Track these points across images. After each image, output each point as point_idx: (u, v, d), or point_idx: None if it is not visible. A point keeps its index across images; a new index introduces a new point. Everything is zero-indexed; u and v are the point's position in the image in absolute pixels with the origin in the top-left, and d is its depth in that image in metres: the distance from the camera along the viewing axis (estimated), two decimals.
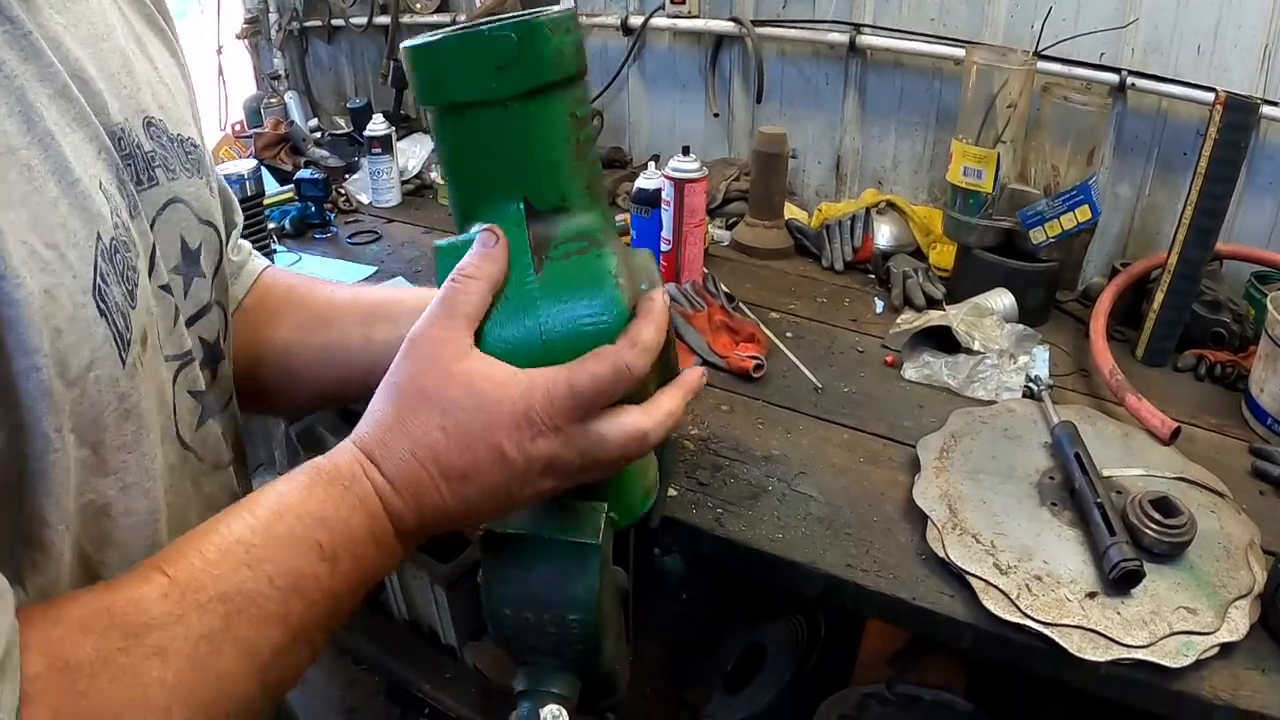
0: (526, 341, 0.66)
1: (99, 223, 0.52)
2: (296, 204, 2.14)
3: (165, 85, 0.69)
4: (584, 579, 0.79)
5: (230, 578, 0.51)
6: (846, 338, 1.64)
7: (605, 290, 0.67)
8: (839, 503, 1.20)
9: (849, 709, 1.53)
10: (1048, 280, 1.68)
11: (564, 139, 0.71)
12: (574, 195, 0.73)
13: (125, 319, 0.53)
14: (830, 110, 2.05)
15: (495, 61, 0.64)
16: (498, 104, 0.66)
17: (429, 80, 0.67)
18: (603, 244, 0.70)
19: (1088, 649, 0.97)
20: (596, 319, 0.66)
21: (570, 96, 0.71)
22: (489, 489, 0.62)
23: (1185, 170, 1.72)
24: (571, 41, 0.68)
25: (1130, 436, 1.33)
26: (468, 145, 0.70)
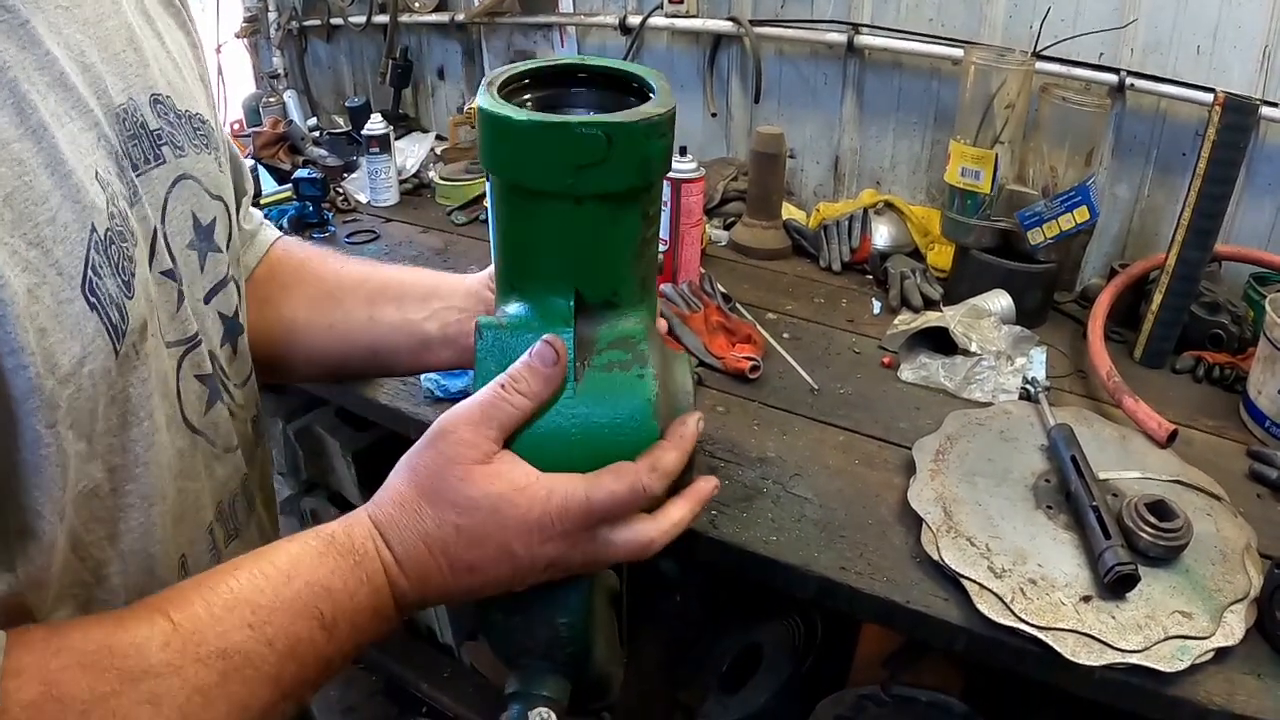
0: (556, 447, 0.66)
1: (93, 214, 0.52)
2: (294, 203, 2.13)
3: (174, 61, 0.68)
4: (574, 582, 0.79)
5: (232, 635, 0.52)
6: (843, 339, 1.64)
7: (641, 415, 0.66)
8: (834, 505, 1.19)
9: (845, 710, 1.53)
10: (1046, 281, 1.68)
11: (631, 239, 0.68)
12: (626, 293, 0.70)
13: (121, 310, 0.54)
14: (828, 110, 2.05)
15: (578, 160, 0.60)
16: (571, 199, 0.63)
17: (503, 156, 0.63)
18: (646, 359, 0.68)
19: (1081, 653, 0.97)
20: (627, 440, 0.66)
21: (648, 197, 0.68)
22: (492, 580, 0.64)
23: (1184, 171, 1.71)
24: (662, 148, 0.64)
25: (1127, 439, 1.33)
26: (529, 229, 0.66)
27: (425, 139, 2.48)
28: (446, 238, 2.11)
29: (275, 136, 2.45)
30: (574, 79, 0.72)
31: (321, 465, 2.28)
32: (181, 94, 0.67)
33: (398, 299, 0.87)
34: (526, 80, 0.69)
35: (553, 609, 0.80)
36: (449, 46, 2.59)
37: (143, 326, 0.56)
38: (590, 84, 0.71)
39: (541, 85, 0.70)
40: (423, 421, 1.42)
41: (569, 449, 0.66)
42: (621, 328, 0.69)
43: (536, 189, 0.63)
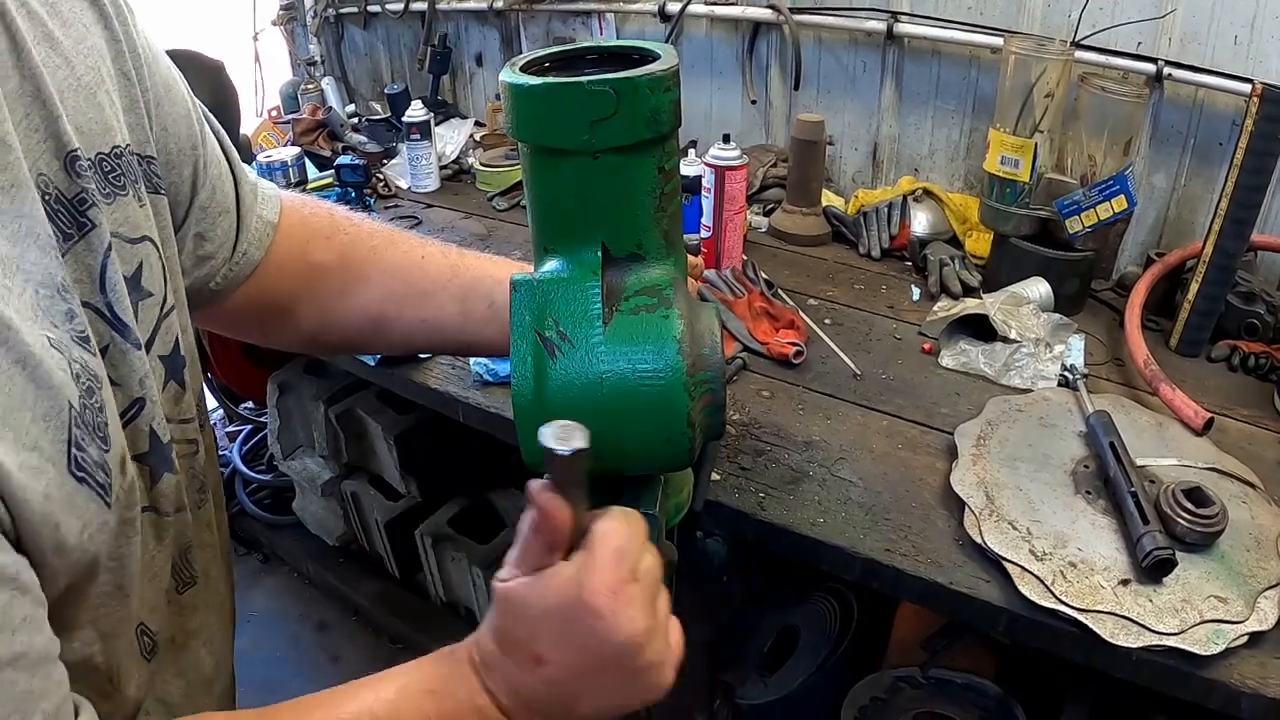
0: (586, 390, 0.69)
1: (66, 392, 0.51)
2: (336, 189, 2.17)
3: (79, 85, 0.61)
4: None
5: None
6: (884, 324, 1.66)
7: (667, 353, 0.69)
8: (878, 488, 1.22)
9: (881, 692, 1.56)
10: (1083, 270, 1.69)
11: (648, 191, 0.73)
12: (650, 245, 0.75)
13: (104, 468, 0.54)
14: (867, 98, 2.06)
15: (590, 115, 0.65)
16: (588, 154, 0.68)
17: (524, 119, 0.69)
18: (671, 302, 0.72)
19: (1120, 635, 1.00)
20: (655, 378, 0.70)
21: (661, 150, 0.73)
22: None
23: (1221, 161, 1.72)
24: (669, 101, 0.69)
25: (1164, 426, 1.35)
26: (554, 186, 0.72)
27: (464, 125, 2.51)
28: (489, 223, 2.14)
29: (314, 123, 2.49)
30: (589, 61, 0.76)
31: (363, 448, 2.33)
32: (91, 132, 0.61)
33: (488, 295, 0.91)
34: (547, 64, 0.74)
35: None
36: (487, 33, 2.62)
37: (122, 462, 0.56)
38: (603, 62, 0.75)
39: (560, 67, 0.75)
40: (471, 405, 1.46)
41: (600, 391, 0.69)
42: (648, 277, 0.74)
43: (557, 147, 0.68)
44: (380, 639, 2.47)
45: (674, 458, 0.75)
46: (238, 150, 0.89)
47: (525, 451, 0.74)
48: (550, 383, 0.70)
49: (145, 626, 0.65)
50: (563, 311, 0.71)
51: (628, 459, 0.75)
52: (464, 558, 2.16)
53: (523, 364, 0.70)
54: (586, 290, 0.71)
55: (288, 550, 2.67)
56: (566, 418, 0.71)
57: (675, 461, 0.76)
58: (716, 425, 0.77)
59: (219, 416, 3.14)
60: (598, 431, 0.72)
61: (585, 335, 0.70)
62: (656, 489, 0.84)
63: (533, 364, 0.70)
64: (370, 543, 2.47)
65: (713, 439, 0.78)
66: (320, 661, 2.43)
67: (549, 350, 0.70)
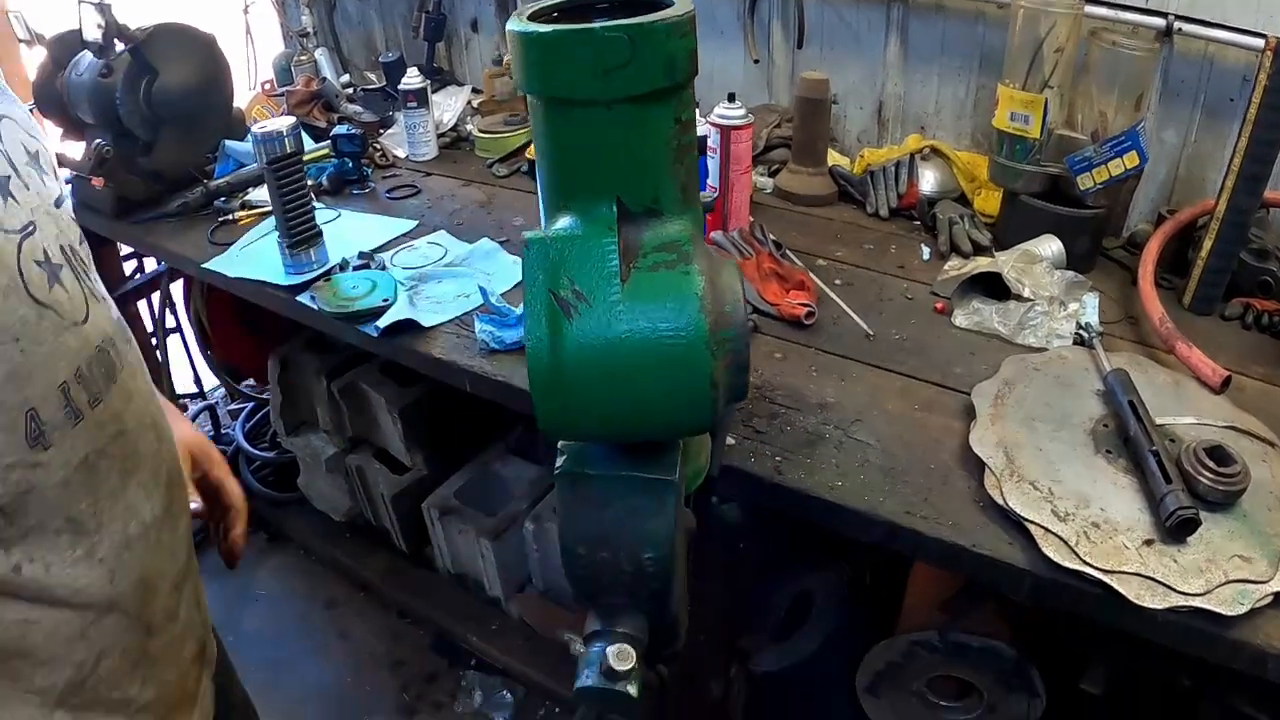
0: (604, 350, 0.67)
1: None
2: (333, 160, 2.14)
3: None
4: (661, 515, 0.81)
5: None
6: (895, 284, 1.64)
7: (689, 310, 0.67)
8: (895, 450, 1.21)
9: (897, 656, 1.56)
10: (1095, 227, 1.67)
11: (665, 143, 0.70)
12: (667, 199, 0.72)
13: None
14: (872, 55, 2.02)
15: (605, 63, 0.63)
16: (602, 104, 0.66)
17: (534, 70, 0.66)
18: (691, 258, 0.69)
19: (1146, 596, 0.99)
20: (676, 337, 0.67)
21: (677, 100, 0.70)
22: None
23: (1231, 117, 1.69)
24: (686, 48, 0.66)
25: (1181, 384, 1.33)
26: (567, 139, 0.70)
27: (461, 92, 2.47)
28: (489, 190, 2.11)
29: (309, 95, 2.45)
30: (599, 10, 0.74)
31: (367, 422, 2.31)
32: None
33: None
34: (555, 13, 0.71)
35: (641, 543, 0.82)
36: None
37: None
38: (614, 10, 0.73)
39: (569, 15, 0.72)
40: (478, 374, 1.44)
41: (619, 351, 0.67)
42: (666, 233, 0.71)
43: (569, 98, 0.66)
44: (389, 613, 2.46)
45: (696, 421, 0.73)
46: (232, 124, 0.91)
47: (541, 415, 0.71)
48: (567, 344, 0.67)
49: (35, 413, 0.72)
50: (578, 269, 0.68)
51: (648, 423, 0.73)
52: (472, 530, 2.15)
53: (537, 325, 0.68)
54: (603, 247, 0.69)
55: (293, 527, 2.66)
56: (584, 379, 0.69)
57: (697, 424, 0.74)
58: (740, 386, 0.75)
59: (220, 395, 3.12)
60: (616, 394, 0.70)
61: (603, 294, 0.68)
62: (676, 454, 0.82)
63: (548, 324, 0.68)
64: (376, 517, 2.45)
65: (736, 400, 0.76)
66: (330, 638, 2.43)
67: (565, 310, 0.68)
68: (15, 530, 0.71)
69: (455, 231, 1.88)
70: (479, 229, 1.89)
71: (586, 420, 0.71)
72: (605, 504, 0.80)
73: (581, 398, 0.69)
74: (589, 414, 0.70)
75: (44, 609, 0.75)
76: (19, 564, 0.72)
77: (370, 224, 1.95)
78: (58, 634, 0.77)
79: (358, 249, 1.79)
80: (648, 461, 0.79)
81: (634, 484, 0.79)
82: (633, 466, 0.79)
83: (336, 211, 2.00)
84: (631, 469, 0.79)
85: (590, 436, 0.76)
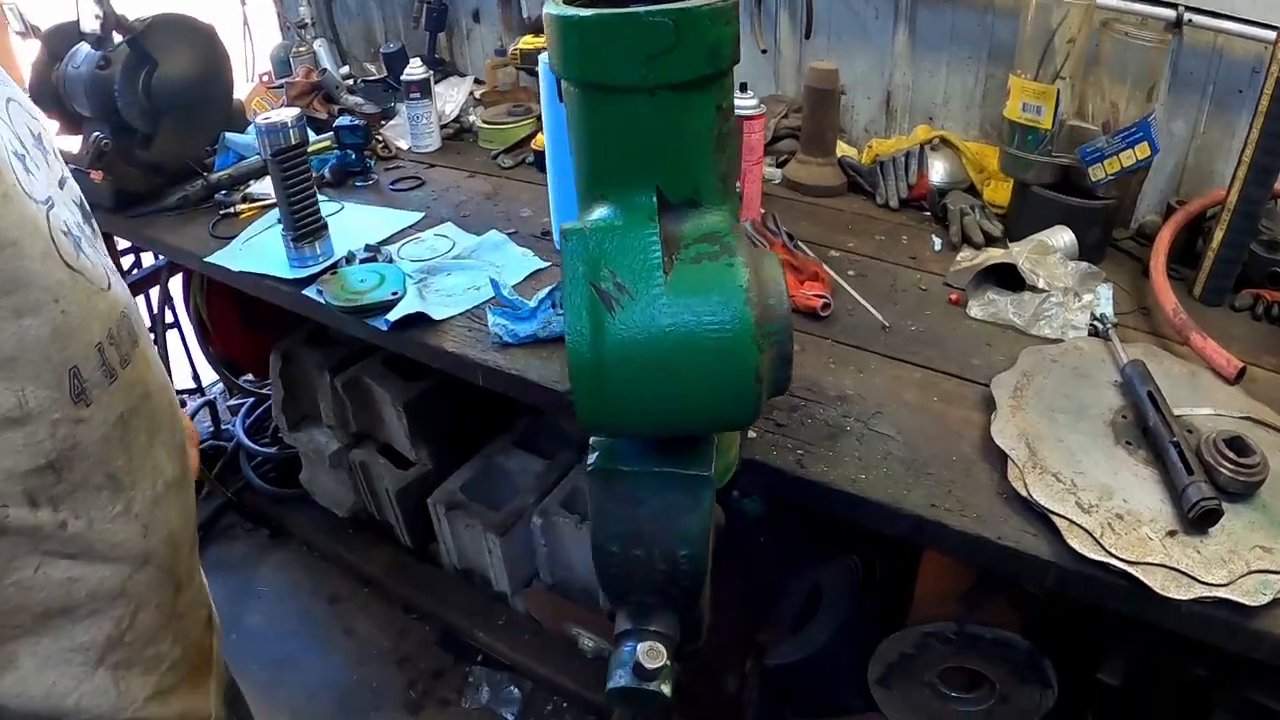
0: (648, 344, 0.66)
1: None
2: (335, 152, 2.12)
3: None
4: (696, 512, 0.80)
5: None
6: (908, 276, 1.64)
7: (734, 300, 0.66)
8: (917, 442, 1.20)
9: (909, 648, 1.55)
10: (1106, 218, 1.67)
11: (707, 132, 0.69)
12: (707, 189, 0.71)
13: None
14: (880, 46, 2.01)
15: (648, 49, 0.62)
16: (645, 91, 0.65)
17: (574, 54, 0.65)
18: (734, 250, 0.68)
19: (1171, 587, 0.99)
20: (722, 330, 0.66)
21: (719, 88, 0.69)
22: None
23: (1239, 108, 1.70)
24: (730, 34, 0.66)
25: (1196, 375, 1.33)
26: (607, 127, 0.69)
27: (463, 83, 2.45)
28: (495, 181, 2.10)
29: (309, 86, 2.42)
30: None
31: (371, 416, 2.30)
32: None
33: None
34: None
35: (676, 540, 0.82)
36: None
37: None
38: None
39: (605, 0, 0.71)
40: (491, 368, 1.42)
41: (663, 345, 0.66)
42: (707, 224, 0.71)
43: (611, 84, 0.65)
44: (394, 609, 2.45)
45: (739, 415, 0.72)
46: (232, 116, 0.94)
47: (581, 410, 0.70)
48: (609, 338, 0.66)
49: (78, 370, 0.76)
50: (620, 261, 0.67)
51: (689, 418, 0.72)
52: (478, 524, 2.14)
53: (578, 318, 0.67)
54: (645, 238, 0.68)
55: (296, 524, 2.64)
56: (626, 373, 0.68)
57: (740, 419, 0.73)
58: (783, 380, 0.74)
59: (219, 391, 3.10)
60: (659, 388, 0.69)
61: (646, 286, 0.67)
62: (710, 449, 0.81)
63: (589, 318, 0.67)
64: (380, 513, 2.44)
65: (777, 394, 0.76)
66: (334, 635, 2.42)
67: (606, 303, 0.67)
68: (63, 486, 0.75)
69: (462, 223, 1.87)
70: (486, 221, 1.87)
71: (627, 415, 0.70)
72: (639, 501, 0.79)
73: (623, 392, 0.68)
74: (630, 409, 0.69)
75: (86, 564, 0.79)
76: (65, 520, 0.76)
77: (375, 216, 1.93)
78: (99, 589, 0.80)
79: (363, 241, 1.77)
80: (682, 457, 0.78)
81: (669, 480, 0.78)
82: (667, 462, 0.78)
83: (339, 204, 1.98)
84: (666, 465, 0.78)
85: (630, 432, 0.75)
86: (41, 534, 0.74)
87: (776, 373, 0.72)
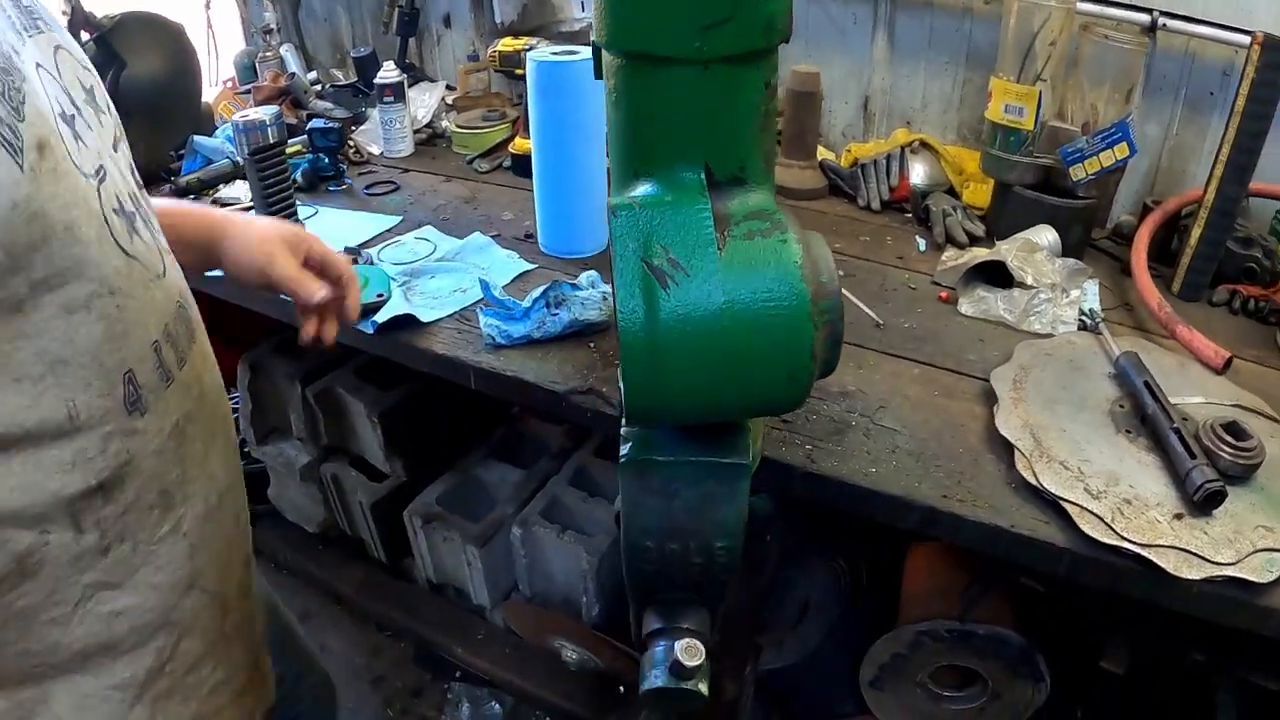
0: (704, 322, 0.64)
1: None
2: (308, 156, 2.07)
3: None
4: (733, 502, 0.78)
5: None
6: (896, 275, 1.65)
7: (790, 276, 0.65)
8: (923, 435, 1.21)
9: (902, 648, 1.55)
10: (1086, 217, 1.70)
11: (756, 108, 0.68)
12: (753, 168, 0.70)
13: (13, 130, 0.58)
14: (858, 51, 2.03)
15: (705, 18, 0.60)
16: (698, 63, 0.63)
17: (624, 23, 0.63)
18: (786, 226, 0.67)
19: (1184, 568, 1.00)
20: (779, 306, 0.65)
21: (767, 64, 0.68)
22: None
23: (1211, 110, 1.75)
24: (785, 7, 0.64)
25: (1185, 366, 1.36)
26: (655, 101, 0.67)
27: (435, 88, 2.42)
28: (472, 186, 2.07)
29: (277, 91, 2.37)
30: None
31: (343, 428, 2.24)
32: None
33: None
34: None
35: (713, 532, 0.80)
36: None
37: (40, 145, 0.60)
38: None
39: None
40: (485, 370, 1.39)
41: (720, 323, 0.65)
42: (753, 202, 0.69)
43: (664, 54, 0.63)
44: (366, 626, 2.39)
45: (791, 396, 0.70)
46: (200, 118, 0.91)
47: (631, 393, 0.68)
48: (663, 315, 0.64)
49: (133, 375, 0.69)
50: (674, 237, 0.65)
51: (741, 399, 0.70)
52: (457, 536, 2.09)
53: (631, 296, 0.65)
54: (698, 213, 0.66)
55: (263, 540, 2.55)
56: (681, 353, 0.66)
57: (791, 400, 0.71)
58: (833, 361, 0.73)
59: None
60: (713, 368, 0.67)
61: (701, 262, 0.65)
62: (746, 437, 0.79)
63: (642, 295, 0.64)
64: (353, 527, 2.38)
65: (825, 375, 0.74)
66: None
67: (660, 280, 0.64)
68: (112, 508, 0.68)
69: (441, 227, 1.84)
70: (466, 224, 1.85)
71: (678, 398, 0.68)
72: (674, 493, 0.77)
73: (676, 373, 0.66)
74: (682, 390, 0.67)
75: (130, 595, 0.71)
76: (110, 545, 0.69)
77: (351, 220, 1.89)
78: (142, 621, 0.73)
79: (342, 245, 1.73)
80: (718, 445, 0.76)
81: (706, 470, 0.76)
82: (703, 451, 0.76)
83: (314, 208, 1.93)
84: (702, 454, 0.76)
85: (679, 417, 0.72)
86: (83, 564, 0.67)
87: (828, 353, 0.70)
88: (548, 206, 1.68)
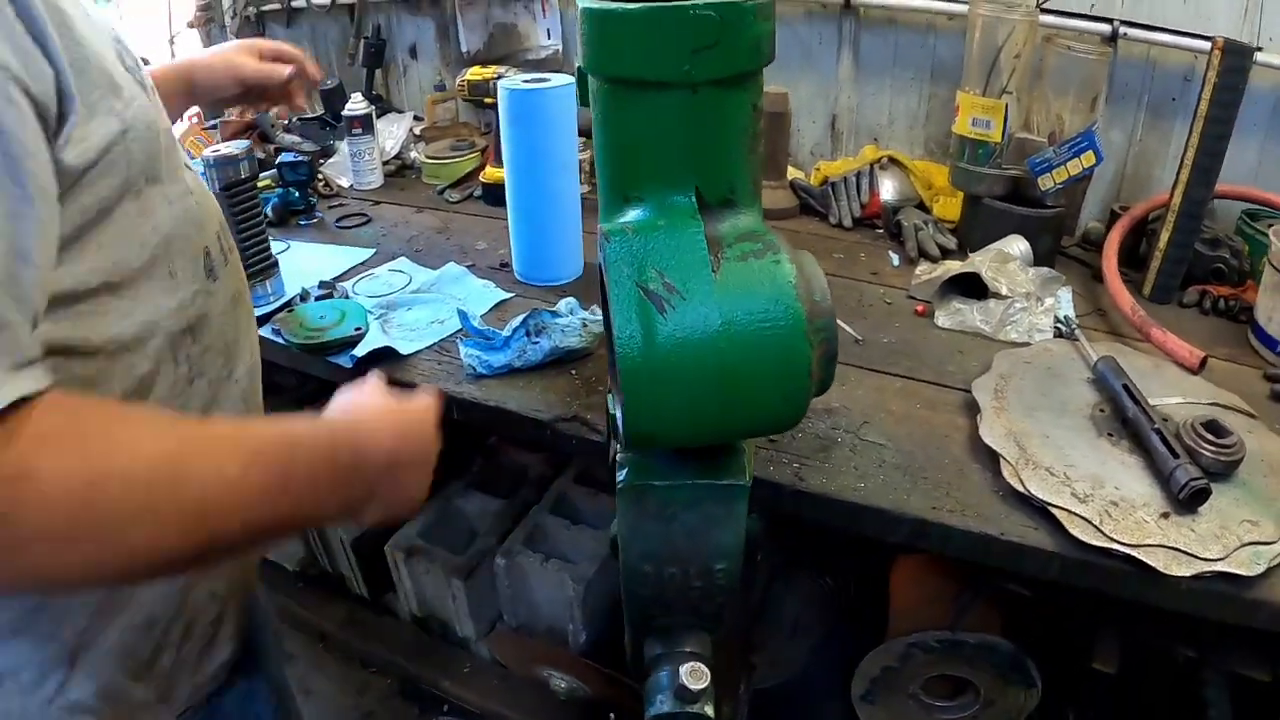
0: (702, 344, 0.65)
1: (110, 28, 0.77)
2: (278, 190, 2.06)
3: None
4: (732, 523, 0.78)
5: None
6: (872, 291, 1.66)
7: (785, 296, 0.66)
8: (908, 448, 1.21)
9: (893, 660, 1.55)
10: (1055, 226, 1.72)
11: (744, 130, 0.69)
12: (742, 190, 0.71)
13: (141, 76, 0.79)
14: (824, 70, 2.05)
15: (693, 42, 0.61)
16: (687, 87, 0.63)
17: (613, 49, 0.64)
18: (778, 248, 0.68)
19: (1174, 565, 1.01)
20: (775, 325, 0.66)
21: (755, 85, 0.68)
22: None
23: (1174, 115, 1.78)
24: (769, 30, 0.65)
25: (1161, 368, 1.38)
26: (644, 125, 0.67)
27: (402, 119, 2.41)
28: (444, 216, 2.06)
29: (243, 125, 2.35)
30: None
31: None
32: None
33: None
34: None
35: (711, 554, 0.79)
36: (421, 24, 2.52)
37: (149, 88, 0.81)
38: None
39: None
40: (467, 400, 1.38)
41: (717, 345, 0.65)
42: (744, 224, 0.70)
43: (653, 79, 0.64)
44: (351, 664, 2.34)
45: (789, 414, 0.71)
46: None
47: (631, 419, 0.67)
48: (660, 339, 0.64)
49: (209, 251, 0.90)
50: (668, 261, 0.65)
51: (740, 420, 0.70)
52: (440, 569, 2.06)
53: (627, 321, 0.64)
54: (692, 237, 0.66)
55: None
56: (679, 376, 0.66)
57: (789, 419, 0.71)
58: (828, 379, 0.73)
59: None
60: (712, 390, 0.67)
61: (697, 285, 0.65)
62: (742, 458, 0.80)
63: (639, 320, 0.64)
64: (333, 564, 2.34)
65: (820, 393, 0.74)
66: None
67: (657, 304, 0.64)
68: (196, 348, 0.87)
69: (415, 258, 1.83)
70: (440, 255, 1.84)
71: (678, 421, 0.68)
72: (673, 517, 0.77)
73: (675, 396, 0.66)
74: (682, 413, 0.67)
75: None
76: (194, 378, 0.87)
77: (324, 254, 1.88)
78: None
79: (316, 279, 1.71)
80: (714, 467, 0.76)
81: (704, 492, 0.76)
82: (700, 474, 0.76)
83: (285, 243, 1.92)
84: (700, 476, 0.76)
85: (678, 440, 0.72)
86: (176, 389, 0.84)
87: (824, 370, 0.71)
88: (523, 234, 1.68)
